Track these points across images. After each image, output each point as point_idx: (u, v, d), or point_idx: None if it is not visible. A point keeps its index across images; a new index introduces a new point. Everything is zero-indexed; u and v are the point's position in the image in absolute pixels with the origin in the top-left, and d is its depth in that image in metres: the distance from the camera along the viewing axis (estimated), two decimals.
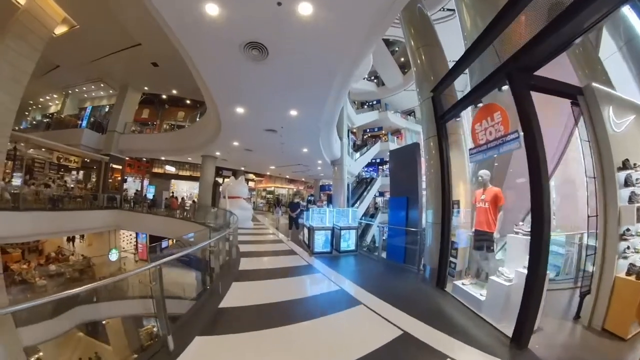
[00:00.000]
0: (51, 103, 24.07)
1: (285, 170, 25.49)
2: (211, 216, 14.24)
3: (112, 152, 18.04)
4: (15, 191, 12.01)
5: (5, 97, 9.22)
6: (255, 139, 14.64)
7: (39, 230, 12.23)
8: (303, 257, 8.32)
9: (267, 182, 33.23)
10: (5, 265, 14.25)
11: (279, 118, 11.35)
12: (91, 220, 14.91)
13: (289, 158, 18.65)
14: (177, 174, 26.25)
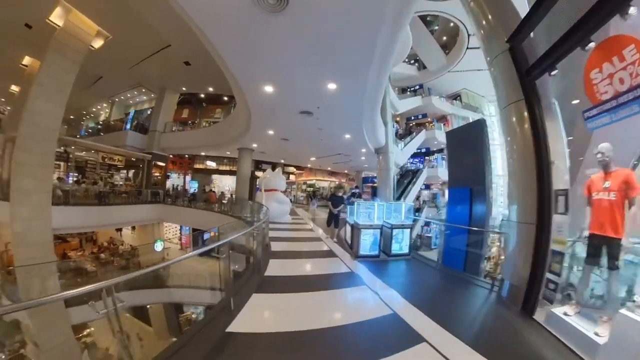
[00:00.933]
0: (101, 112, 27.23)
1: (325, 161, 23.87)
2: (247, 210, 14.03)
3: (154, 150, 19.16)
4: (66, 189, 13.47)
5: (51, 107, 10.49)
6: (290, 126, 12.98)
7: (88, 223, 13.89)
8: (344, 261, 6.92)
9: (307, 175, 31.93)
10: (64, 252, 17.32)
11: (314, 95, 9.29)
12: (136, 213, 16.16)
13: (329, 147, 17.00)
14: (217, 169, 26.52)
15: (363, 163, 22.32)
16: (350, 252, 7.57)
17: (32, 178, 10.39)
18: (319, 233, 11.14)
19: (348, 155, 19.14)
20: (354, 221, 7.54)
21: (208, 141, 17.77)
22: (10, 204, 10.14)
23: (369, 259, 7.00)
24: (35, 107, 10.27)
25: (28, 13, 11.92)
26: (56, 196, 11.93)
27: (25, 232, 10.49)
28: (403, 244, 7.37)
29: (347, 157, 19.80)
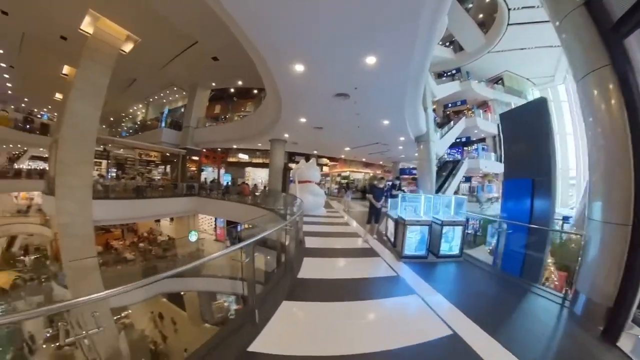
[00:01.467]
0: (138, 112, 29.24)
1: (361, 152, 22.64)
2: (280, 202, 13.55)
3: (188, 146, 19.69)
4: (106, 184, 14.41)
5: (88, 109, 11.36)
6: (324, 112, 11.76)
7: (126, 215, 14.54)
8: (387, 261, 6.14)
9: (341, 167, 30.60)
10: (107, 241, 19.37)
11: (351, 73, 8.07)
12: (172, 206, 16.69)
13: (365, 135, 15.71)
14: (250, 162, 26.64)
15: (400, 153, 21.07)
16: (393, 251, 6.80)
17: (74, 175, 11.26)
18: (356, 227, 10.35)
19: (385, 145, 17.97)
20: (398, 216, 6.64)
21: (239, 134, 17.68)
22: (56, 198, 11.01)
23: (415, 260, 6.16)
24: (74, 110, 11.07)
25: (62, 26, 12.79)
26: (96, 191, 12.67)
27: (70, 224, 11.30)
28: (453, 244, 6.40)
29: (385, 147, 18.62)
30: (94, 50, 11.44)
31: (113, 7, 11.19)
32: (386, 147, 18.46)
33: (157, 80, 19.95)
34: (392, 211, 7.70)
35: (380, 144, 17.68)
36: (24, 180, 20.81)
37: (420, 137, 15.76)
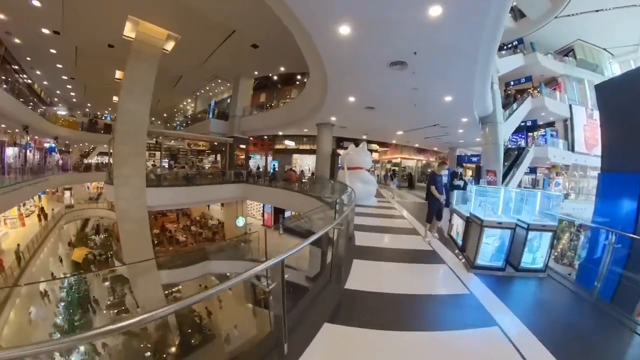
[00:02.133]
0: (188, 107, 31.18)
1: (415, 136, 20.30)
2: (328, 190, 13.08)
3: (235, 134, 20.08)
4: (158, 173, 15.47)
5: (138, 105, 12.49)
6: (376, 88, 10.29)
7: (177, 201, 15.68)
8: (454, 270, 5.03)
9: (392, 153, 27.99)
10: (163, 224, 21.24)
11: (409, 31, 6.54)
12: (220, 192, 17.26)
13: (422, 116, 13.73)
14: (297, 148, 26.29)
15: (459, 138, 18.84)
16: (461, 257, 5.66)
17: (129, 166, 12.51)
18: (411, 220, 9.25)
19: (444, 128, 15.89)
20: (471, 213, 5.45)
21: (284, 119, 17.33)
22: (114, 187, 12.42)
23: (489, 272, 4.94)
24: (125, 107, 12.27)
25: (107, 35, 14.01)
26: (150, 180, 13.79)
27: (127, 210, 12.75)
28: (538, 255, 5.00)
29: (443, 130, 16.49)
30: (138, 52, 12.30)
31: (150, 10, 11.70)
32: (445, 130, 16.37)
33: (202, 75, 20.65)
34: (459, 206, 6.56)
35: (438, 127, 15.65)
36: (93, 173, 24.09)
37: (485, 118, 13.85)
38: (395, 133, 19.78)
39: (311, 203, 12.54)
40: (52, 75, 20.91)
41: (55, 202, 25.04)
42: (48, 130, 21.83)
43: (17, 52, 17.11)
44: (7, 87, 14.37)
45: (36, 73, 20.76)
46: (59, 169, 21.79)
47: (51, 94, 26.08)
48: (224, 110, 22.09)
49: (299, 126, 18.59)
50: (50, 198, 25.04)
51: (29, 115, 17.31)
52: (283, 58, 16.93)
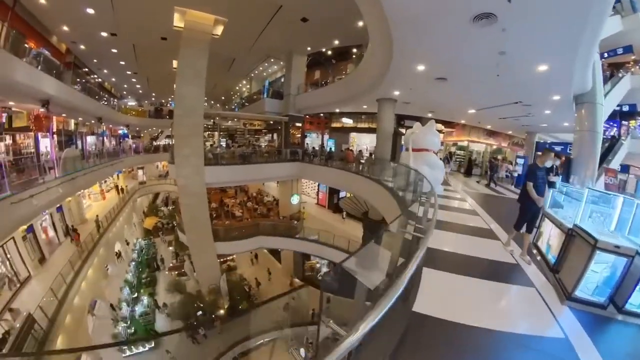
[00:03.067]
0: (244, 89, 31.53)
1: (489, 115, 16.52)
2: (388, 172, 11.76)
3: (290, 112, 19.53)
4: (216, 152, 16.39)
5: (192, 89, 13.27)
6: (452, 52, 8.32)
7: (234, 178, 16.57)
8: (546, 299, 3.88)
9: (458, 134, 24.53)
10: (221, 199, 22.71)
11: None
12: (275, 170, 17.52)
13: (504, 90, 11.17)
14: (355, 127, 24.99)
15: (542, 120, 15.41)
16: (551, 279, 4.41)
17: (188, 146, 13.41)
18: (487, 219, 7.85)
19: (528, 107, 12.73)
20: (576, 226, 4.17)
21: (341, 95, 16.11)
22: (176, 166, 13.56)
23: (589, 307, 3.73)
24: (181, 92, 13.10)
25: (159, 29, 14.75)
26: (208, 158, 14.56)
27: (186, 186, 13.81)
28: None
29: (525, 110, 13.31)
30: (188, 40, 12.90)
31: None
32: (527, 109, 13.19)
33: (254, 55, 20.50)
34: (553, 210, 5.14)
35: (521, 105, 12.61)
36: (161, 153, 26.61)
37: (581, 97, 10.77)
38: (466, 111, 16.80)
39: (369, 186, 11.74)
40: (118, 72, 23.50)
41: (130, 179, 28.70)
42: (119, 120, 25.11)
43: (85, 57, 19.41)
44: (81, 88, 16.46)
45: (104, 72, 23.57)
46: (132, 151, 24.60)
47: (119, 88, 29.89)
48: (279, 89, 21.78)
49: (357, 102, 17.30)
50: (127, 176, 28.50)
51: (101, 109, 19.58)
52: (335, 30, 15.77)
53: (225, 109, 35.64)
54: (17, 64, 8.87)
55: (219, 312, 15.94)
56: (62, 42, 16.39)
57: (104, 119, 20.15)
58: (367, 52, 12.04)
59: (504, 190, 13.94)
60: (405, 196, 8.49)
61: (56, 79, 11.91)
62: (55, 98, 11.65)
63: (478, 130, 23.18)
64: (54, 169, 11.68)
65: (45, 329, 8.48)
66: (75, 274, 11.69)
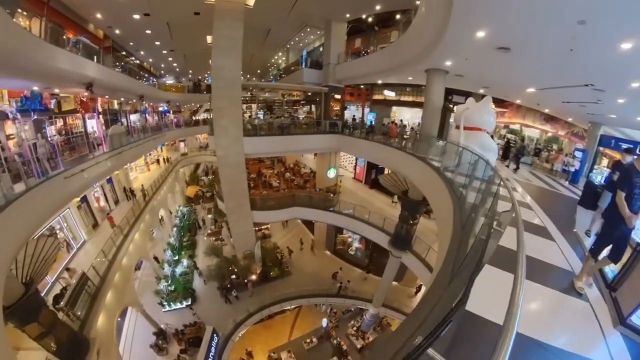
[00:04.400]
0: (280, 60, 31.09)
1: (551, 97, 13.84)
2: (435, 151, 10.88)
3: (330, 83, 18.69)
4: (254, 124, 16.74)
5: (229, 61, 13.18)
6: (522, 16, 6.69)
7: (271, 149, 16.61)
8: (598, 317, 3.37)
9: (511, 116, 21.60)
10: (259, 169, 22.60)
11: None
12: (313, 142, 17.40)
13: (576, 68, 8.98)
14: (398, 100, 23.20)
15: (613, 110, 12.75)
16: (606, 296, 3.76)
17: (227, 118, 13.61)
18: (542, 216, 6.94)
19: (599, 92, 10.13)
20: None
21: (385, 65, 14.59)
22: (215, 137, 13.79)
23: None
24: (217, 64, 13.01)
25: (191, 4, 14.41)
26: (246, 130, 14.77)
27: (225, 156, 14.19)
28: None
29: (595, 96, 10.71)
30: (221, 12, 12.62)
31: None
32: (598, 95, 10.53)
33: (290, 24, 19.79)
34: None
35: (591, 89, 10.04)
36: (200, 126, 27.73)
37: None
38: (525, 90, 13.99)
39: (412, 164, 10.98)
40: (154, 53, 23.85)
41: (173, 151, 30.42)
42: (160, 97, 25.91)
43: (122, 40, 19.82)
44: (121, 70, 17.61)
45: (141, 53, 24.08)
46: (174, 125, 25.71)
47: (158, 67, 30.67)
48: (317, 59, 20.85)
49: (401, 73, 15.73)
50: (169, 149, 30.32)
51: (141, 87, 20.30)
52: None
53: (262, 81, 35.48)
54: (58, 53, 9.43)
55: (252, 276, 16.75)
56: (99, 28, 16.73)
57: (145, 96, 20.79)
58: (417, 16, 10.71)
59: (557, 185, 12.24)
60: (455, 178, 7.92)
61: (96, 62, 12.58)
62: (97, 80, 12.17)
63: (534, 114, 20.15)
64: (102, 145, 12.91)
65: (97, 285, 9.30)
66: (124, 237, 12.63)
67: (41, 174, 7.74)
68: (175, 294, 15.76)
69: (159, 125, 23.14)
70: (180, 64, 29.55)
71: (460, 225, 5.43)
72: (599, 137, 15.36)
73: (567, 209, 7.95)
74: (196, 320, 14.62)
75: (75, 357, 6.99)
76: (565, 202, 9.39)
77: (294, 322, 17.99)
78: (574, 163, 13.71)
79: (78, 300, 8.09)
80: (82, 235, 11.98)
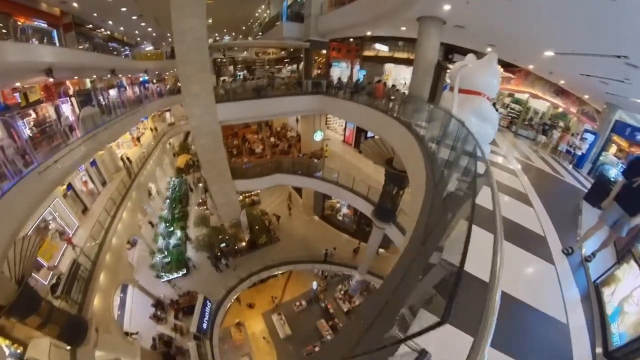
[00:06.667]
0: (264, 14, 27.75)
1: (569, 65, 10.86)
2: (422, 116, 9.39)
3: (312, 37, 16.97)
4: (227, 88, 15.64)
5: (192, 20, 11.66)
6: None
7: (247, 114, 15.48)
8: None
9: (518, 83, 18.86)
10: (244, 135, 21.93)
11: None
12: (294, 104, 16.30)
13: (610, 31, 6.53)
14: (391, 56, 20.66)
15: (636, 94, 10.64)
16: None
17: (197, 84, 12.54)
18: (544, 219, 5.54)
19: (632, 68, 7.69)
20: None
21: (371, 11, 12.48)
22: (185, 106, 13.37)
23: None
24: (179, 27, 11.52)
25: None
26: (219, 95, 13.91)
27: (199, 126, 13.40)
28: None
29: (624, 73, 8.36)
30: None
31: None
32: (628, 72, 8.25)
33: None
34: None
35: (623, 63, 7.69)
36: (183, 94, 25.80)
37: None
38: (540, 52, 11.06)
39: (396, 130, 9.81)
40: (123, 20, 21.50)
41: (160, 122, 29.26)
42: (135, 67, 23.93)
43: (83, 13, 17.79)
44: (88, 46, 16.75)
45: (109, 24, 21.80)
46: (155, 96, 23.96)
47: (132, 36, 27.79)
48: (299, 11, 18.65)
49: (392, 22, 13.33)
50: (157, 119, 29.04)
51: (110, 60, 18.77)
52: None
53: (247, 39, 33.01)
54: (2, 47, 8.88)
55: (241, 244, 16.88)
56: (52, 6, 14.96)
57: (118, 69, 19.37)
58: None
59: (560, 169, 10.80)
60: (438, 152, 6.66)
61: (56, 44, 11.96)
62: (56, 64, 11.24)
63: (544, 84, 17.44)
64: (75, 130, 12.30)
65: (89, 269, 9.71)
66: (112, 218, 12.67)
67: (14, 175, 7.54)
68: (169, 266, 16.02)
69: (139, 97, 21.75)
70: (155, 29, 26.74)
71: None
72: (613, 121, 13.53)
73: (571, 207, 6.75)
74: (189, 290, 14.99)
75: (76, 337, 7.64)
76: (570, 195, 8.07)
77: (285, 285, 18.50)
78: (582, 146, 12.57)
79: (73, 287, 8.66)
80: (75, 221, 11.94)
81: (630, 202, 3.97)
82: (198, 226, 17.40)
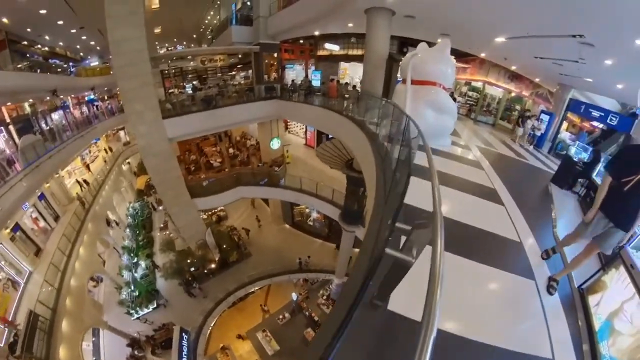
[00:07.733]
0: (214, 20, 26.27)
1: (523, 50, 11.10)
2: (375, 113, 8.86)
3: (262, 40, 16.54)
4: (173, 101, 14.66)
5: (129, 30, 10.48)
6: None
7: (200, 127, 14.34)
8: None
9: (473, 72, 19.23)
10: (201, 148, 20.78)
11: None
12: (249, 112, 15.45)
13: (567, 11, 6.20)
14: (345, 54, 20.50)
15: (591, 74, 10.71)
16: None
17: (139, 100, 11.39)
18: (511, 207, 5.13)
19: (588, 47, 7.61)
20: None
21: (318, 7, 11.95)
22: (130, 125, 12.53)
23: None
24: (115, 37, 10.31)
25: None
26: (166, 110, 12.83)
27: (148, 146, 12.25)
28: None
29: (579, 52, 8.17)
30: None
31: None
32: (584, 52, 8.08)
33: None
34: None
35: (578, 43, 7.49)
36: None
37: None
38: (493, 38, 11.00)
39: (351, 129, 9.41)
40: (60, 34, 19.55)
41: (115, 141, 26.96)
42: (79, 85, 21.53)
43: (16, 29, 16.27)
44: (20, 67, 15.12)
45: (46, 39, 19.79)
46: (105, 115, 22.19)
47: (75, 50, 25.36)
48: (248, 13, 18.12)
49: (340, 17, 12.92)
50: (111, 139, 26.94)
51: (48, 80, 16.81)
52: None
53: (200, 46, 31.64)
54: None
55: (211, 265, 16.02)
56: None
57: (60, 89, 17.54)
58: None
59: (523, 152, 11.16)
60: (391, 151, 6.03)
61: None
62: None
63: (499, 71, 17.92)
64: (15, 164, 11.13)
65: (49, 318, 8.96)
66: (67, 257, 11.71)
67: None
68: (140, 300, 14.76)
69: (89, 117, 20.06)
70: (99, 41, 24.03)
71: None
72: (567, 100, 14.08)
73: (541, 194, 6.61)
74: (163, 323, 13.97)
75: None
76: (537, 177, 8.07)
77: (265, 300, 17.76)
78: (540, 126, 13.21)
79: (33, 342, 7.87)
80: (26, 268, 10.60)
81: (621, 211, 2.79)
82: (164, 252, 16.28)
